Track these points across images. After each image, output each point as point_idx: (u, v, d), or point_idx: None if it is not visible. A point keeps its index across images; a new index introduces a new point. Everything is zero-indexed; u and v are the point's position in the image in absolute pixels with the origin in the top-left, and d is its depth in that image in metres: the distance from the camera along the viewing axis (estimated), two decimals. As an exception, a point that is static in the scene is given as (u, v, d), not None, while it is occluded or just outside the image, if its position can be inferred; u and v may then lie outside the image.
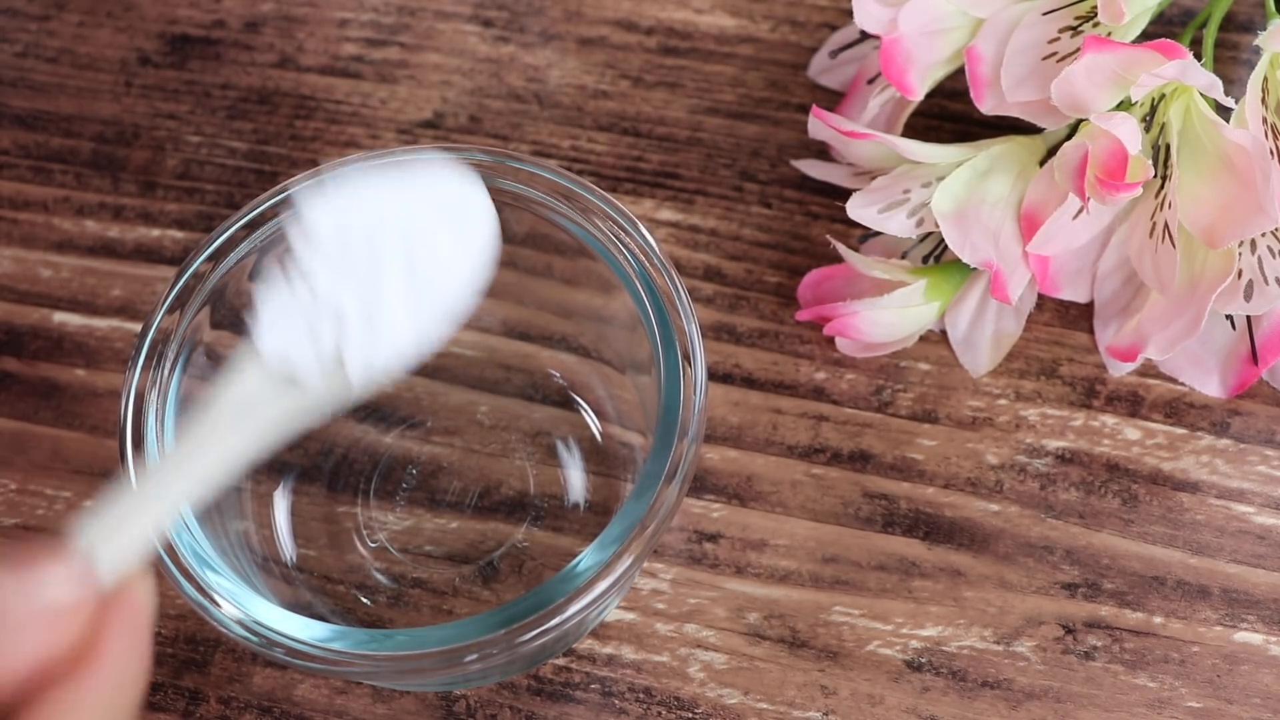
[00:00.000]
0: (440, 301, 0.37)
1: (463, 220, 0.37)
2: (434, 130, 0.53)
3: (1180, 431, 0.47)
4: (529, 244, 0.47)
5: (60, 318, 0.51)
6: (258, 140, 0.53)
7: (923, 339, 0.49)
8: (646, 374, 0.43)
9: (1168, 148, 0.44)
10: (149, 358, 0.42)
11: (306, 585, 0.46)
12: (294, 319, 0.36)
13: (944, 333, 0.49)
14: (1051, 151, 0.46)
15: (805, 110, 0.52)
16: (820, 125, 0.46)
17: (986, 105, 0.46)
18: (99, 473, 0.48)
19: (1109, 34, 0.44)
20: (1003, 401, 0.48)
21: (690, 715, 0.44)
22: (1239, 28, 0.52)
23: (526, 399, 0.48)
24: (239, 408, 0.36)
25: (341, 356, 0.36)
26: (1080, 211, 0.45)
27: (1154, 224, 0.45)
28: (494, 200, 0.44)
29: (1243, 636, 0.45)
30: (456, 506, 0.47)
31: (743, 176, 0.52)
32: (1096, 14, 0.44)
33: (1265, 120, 0.44)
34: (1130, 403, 0.48)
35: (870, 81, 0.50)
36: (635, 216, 0.43)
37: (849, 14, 0.53)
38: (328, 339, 0.36)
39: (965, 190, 0.45)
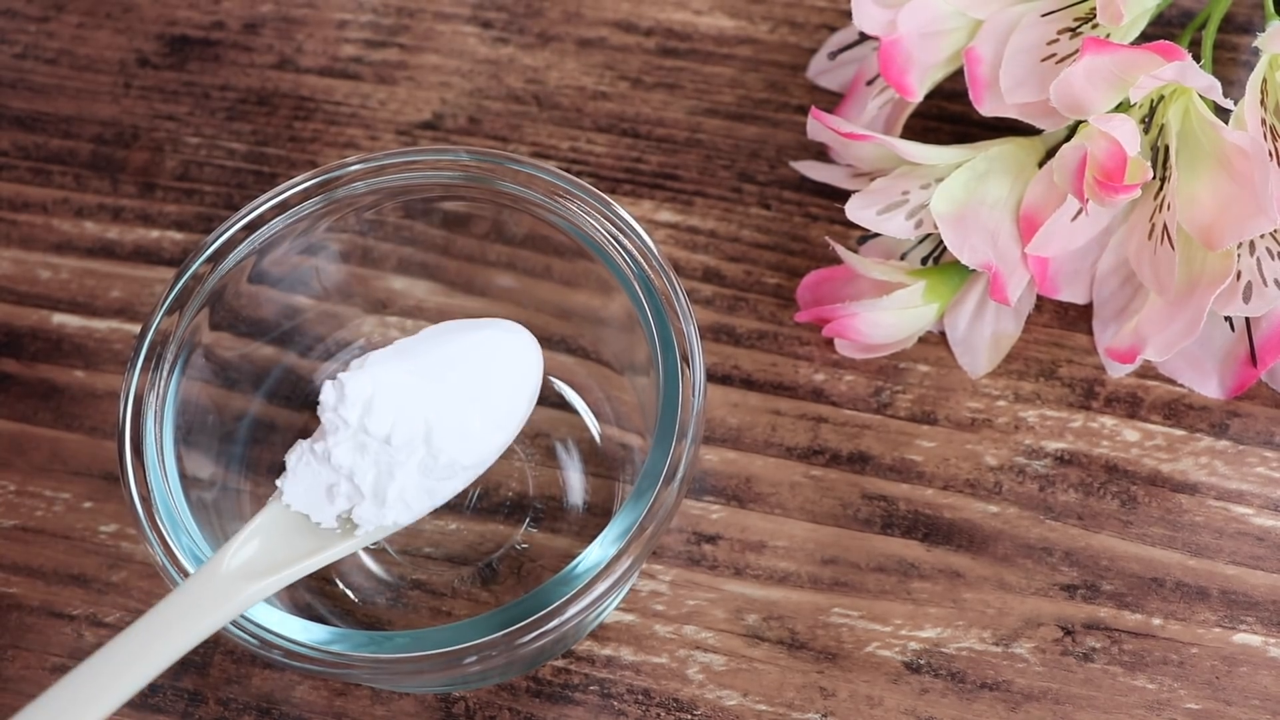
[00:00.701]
0: (457, 473, 0.40)
1: (499, 402, 0.41)
2: (433, 131, 0.53)
3: (1179, 433, 0.47)
4: (527, 245, 0.47)
5: (59, 319, 0.51)
6: (257, 142, 0.53)
7: (922, 340, 0.49)
8: (645, 375, 0.43)
9: (1166, 149, 0.44)
10: (148, 359, 0.42)
11: (305, 587, 0.46)
12: (316, 478, 0.39)
13: (943, 334, 0.49)
14: (1050, 153, 0.46)
15: (804, 111, 0.52)
16: (819, 127, 0.46)
17: (985, 107, 0.46)
18: (98, 474, 0.48)
19: (1108, 36, 0.44)
20: (1002, 403, 0.48)
21: (689, 717, 0.44)
22: (1238, 29, 0.52)
23: (525, 400, 0.48)
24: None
25: (352, 515, 0.40)
26: (1079, 213, 0.45)
27: (1153, 225, 0.45)
28: (493, 202, 0.45)
29: (1241, 638, 0.45)
30: (455, 508, 0.47)
31: (742, 178, 0.52)
32: (1095, 15, 0.44)
33: (1264, 122, 0.44)
34: (1129, 404, 0.48)
35: (869, 83, 0.50)
36: (634, 218, 0.43)
37: (848, 15, 0.53)
38: (342, 500, 0.39)
39: (964, 192, 0.45)
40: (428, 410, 0.39)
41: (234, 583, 0.38)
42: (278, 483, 0.40)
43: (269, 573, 0.39)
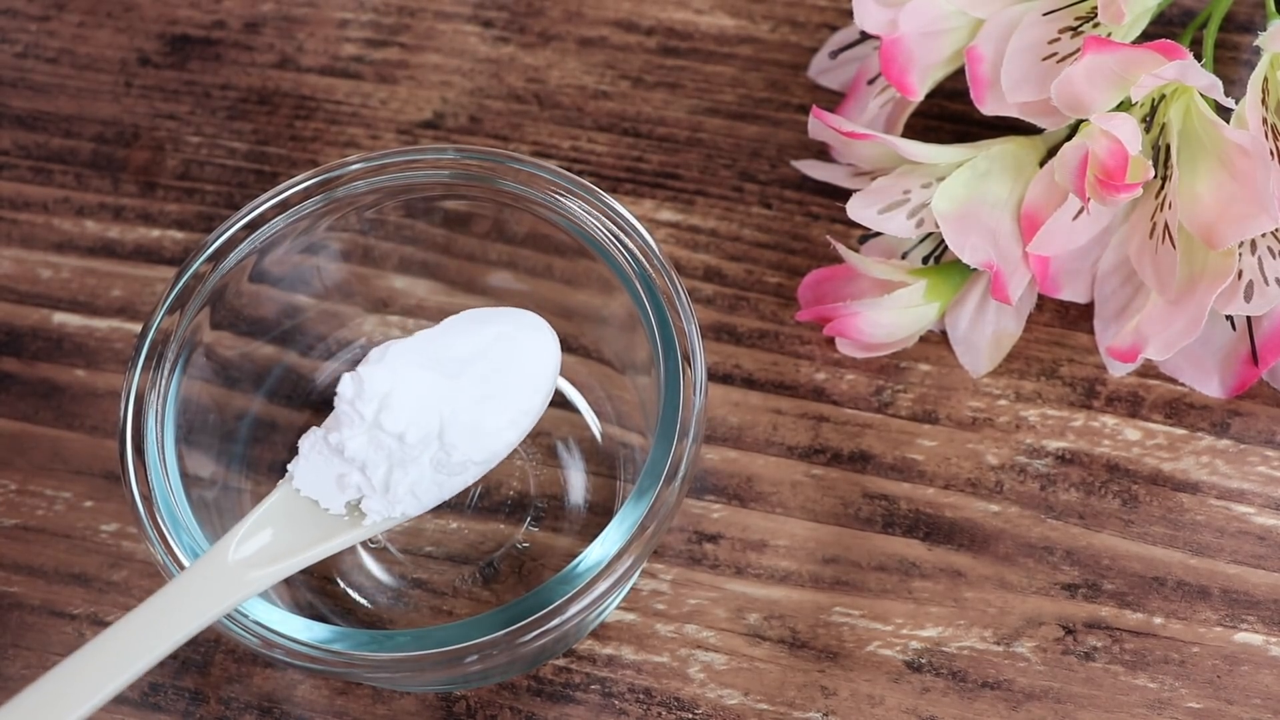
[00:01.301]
0: (469, 469, 0.40)
1: (514, 399, 0.41)
2: (434, 131, 0.53)
3: (1180, 432, 0.47)
4: (529, 244, 0.47)
5: (60, 318, 0.51)
6: (257, 141, 0.53)
7: (923, 339, 0.49)
8: (646, 374, 0.43)
9: (1168, 148, 0.44)
10: (149, 358, 0.42)
11: (307, 586, 0.46)
12: (327, 466, 0.39)
13: (944, 333, 0.49)
14: (1051, 152, 0.46)
15: (805, 111, 0.52)
16: (820, 126, 0.46)
17: (986, 106, 0.46)
18: (99, 473, 0.48)
19: (1109, 35, 0.44)
20: (1003, 402, 0.48)
21: (690, 716, 0.44)
22: (1239, 28, 0.52)
23: (526, 399, 0.48)
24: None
25: (361, 505, 0.40)
26: (1080, 212, 0.45)
27: (1154, 224, 0.45)
28: (494, 200, 0.45)
29: (1243, 637, 0.45)
30: (457, 507, 0.47)
31: (743, 177, 0.52)
32: (1096, 14, 0.44)
33: (1265, 121, 0.44)
34: (1130, 403, 0.48)
35: (870, 82, 0.50)
36: (635, 217, 0.43)
37: (849, 14, 0.53)
38: (352, 490, 0.40)
39: (965, 191, 0.45)
40: (443, 408, 0.39)
41: (240, 568, 0.38)
42: (289, 466, 0.40)
43: (276, 559, 0.39)
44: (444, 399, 0.39)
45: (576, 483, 0.47)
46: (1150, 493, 0.46)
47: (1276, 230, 0.44)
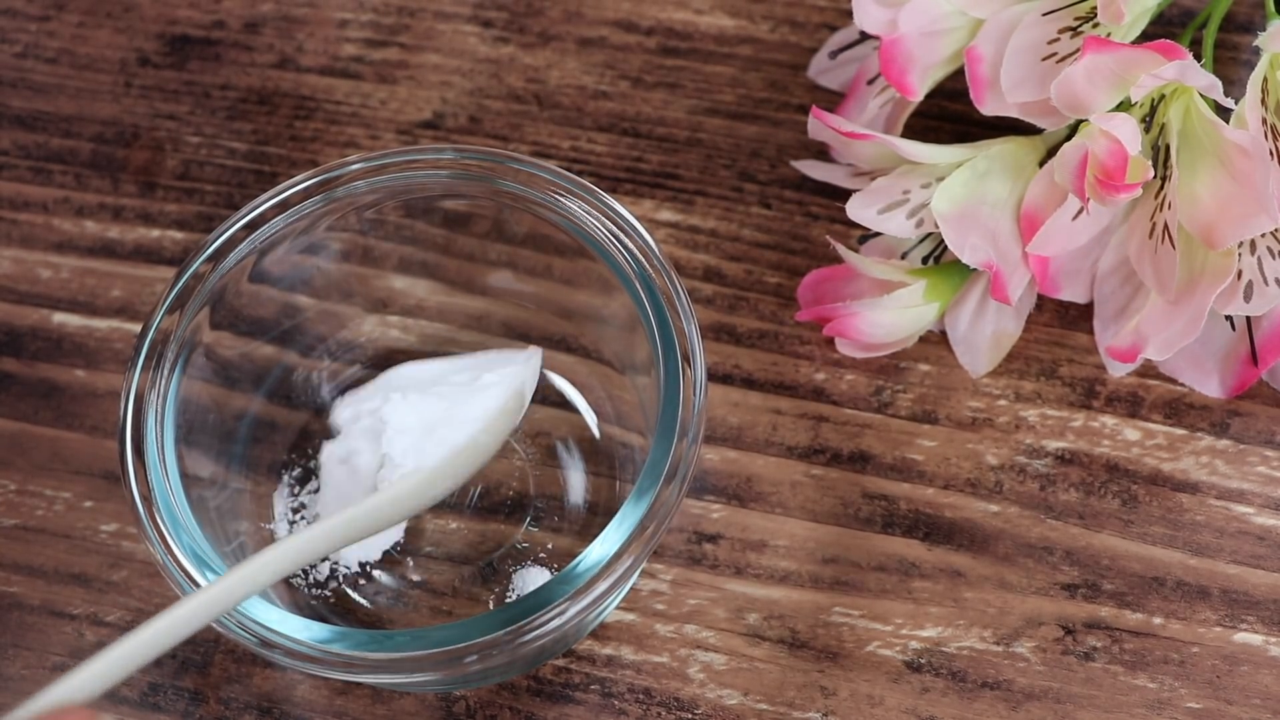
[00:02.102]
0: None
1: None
2: (434, 131, 0.53)
3: (1180, 432, 0.47)
4: (529, 244, 0.47)
5: (60, 318, 0.51)
6: (257, 141, 0.53)
7: (922, 339, 0.49)
8: (646, 375, 0.43)
9: (1167, 148, 0.44)
10: (149, 358, 0.42)
11: (306, 586, 0.46)
12: (341, 486, 0.43)
13: (944, 333, 0.49)
14: (1051, 152, 0.46)
15: (805, 111, 0.52)
16: (820, 126, 0.46)
17: (986, 106, 0.46)
18: (99, 473, 0.48)
19: (1109, 35, 0.44)
20: (1002, 402, 0.48)
21: (690, 716, 0.44)
22: (1239, 28, 0.52)
23: (526, 399, 0.48)
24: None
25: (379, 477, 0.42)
26: (1080, 212, 0.45)
27: (1154, 225, 0.45)
28: (494, 200, 0.45)
29: (1242, 637, 0.45)
30: (456, 507, 0.47)
31: (742, 177, 0.52)
32: (1096, 15, 0.44)
33: (1265, 121, 0.44)
34: (1130, 403, 0.48)
35: (870, 82, 0.50)
36: (635, 217, 0.43)
37: (849, 14, 0.53)
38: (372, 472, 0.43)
39: (965, 191, 0.45)
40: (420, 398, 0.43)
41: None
42: (317, 510, 0.44)
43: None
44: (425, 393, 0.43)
45: (576, 483, 0.47)
46: (1150, 493, 0.47)
47: (1276, 230, 0.44)
